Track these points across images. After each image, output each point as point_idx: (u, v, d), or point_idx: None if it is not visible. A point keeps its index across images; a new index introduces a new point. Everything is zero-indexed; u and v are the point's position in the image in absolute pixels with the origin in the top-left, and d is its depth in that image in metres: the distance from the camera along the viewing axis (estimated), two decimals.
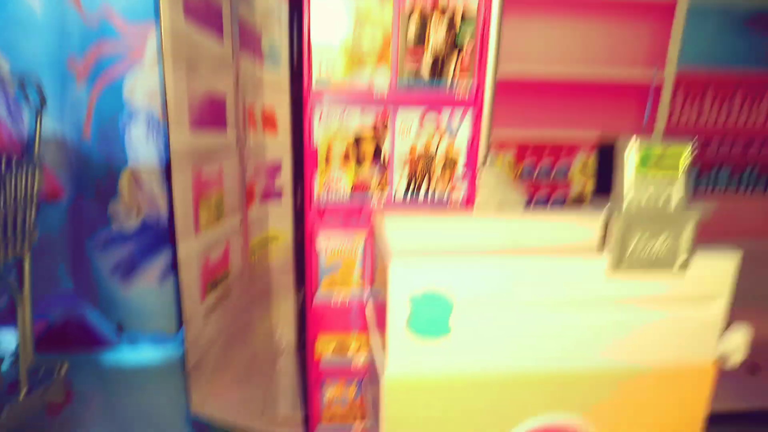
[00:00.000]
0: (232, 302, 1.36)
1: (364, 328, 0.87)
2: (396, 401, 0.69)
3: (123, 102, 1.38)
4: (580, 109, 1.41)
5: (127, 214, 1.47)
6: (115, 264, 1.50)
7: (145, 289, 1.52)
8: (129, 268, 1.50)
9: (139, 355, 1.59)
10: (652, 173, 0.70)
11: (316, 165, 0.78)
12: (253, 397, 1.36)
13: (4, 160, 1.20)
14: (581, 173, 1.46)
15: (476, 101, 0.77)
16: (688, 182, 0.68)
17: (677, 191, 0.69)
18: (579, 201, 1.47)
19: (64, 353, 1.58)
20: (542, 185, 1.45)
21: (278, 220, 1.49)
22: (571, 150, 1.44)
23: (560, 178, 1.46)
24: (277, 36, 1.35)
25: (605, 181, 1.45)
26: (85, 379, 1.47)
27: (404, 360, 0.65)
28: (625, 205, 0.67)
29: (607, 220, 0.68)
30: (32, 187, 1.19)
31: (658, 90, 1.40)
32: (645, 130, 1.43)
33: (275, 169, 1.45)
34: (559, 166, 1.45)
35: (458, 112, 0.78)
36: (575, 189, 1.47)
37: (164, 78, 1.04)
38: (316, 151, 0.77)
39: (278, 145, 1.44)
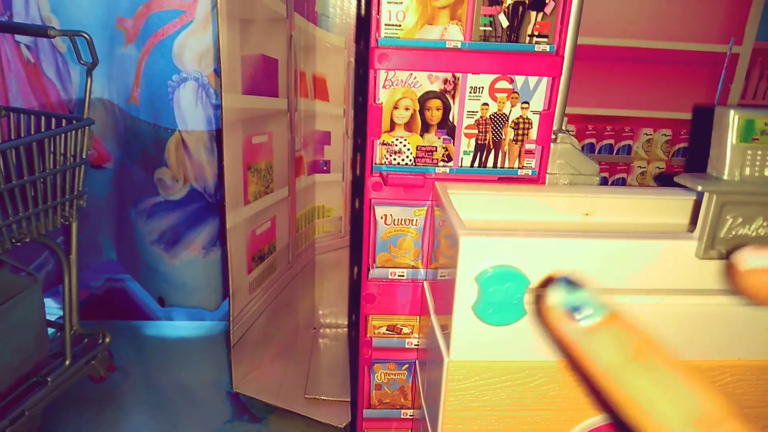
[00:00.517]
0: (276, 276, 1.32)
1: (422, 309, 0.81)
2: (457, 389, 0.63)
3: (172, 64, 1.34)
4: (647, 85, 1.31)
5: (173, 182, 1.44)
6: (160, 234, 1.48)
7: (189, 262, 1.49)
8: (173, 239, 1.48)
9: (180, 329, 1.57)
10: (753, 147, 0.62)
11: (378, 130, 0.72)
12: (295, 376, 1.33)
13: (54, 121, 1.18)
14: (645, 152, 1.37)
15: (554, 67, 0.70)
16: None
17: None
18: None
19: (104, 323, 1.58)
20: (603, 162, 1.37)
21: (326, 193, 1.44)
22: (636, 127, 1.35)
23: (623, 156, 1.37)
24: None
25: (693, 159, 1.37)
26: (127, 350, 1.46)
27: (470, 346, 0.59)
28: (720, 181, 0.59)
29: (699, 198, 0.60)
30: (81, 150, 1.17)
31: (732, 65, 1.29)
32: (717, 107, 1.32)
33: (325, 139, 1.40)
34: (622, 143, 1.36)
35: (534, 78, 0.71)
36: (637, 168, 1.38)
37: (218, 38, 1.00)
38: (379, 115, 0.71)
39: (329, 114, 1.38)
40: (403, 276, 0.80)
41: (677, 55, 1.28)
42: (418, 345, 0.84)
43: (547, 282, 0.42)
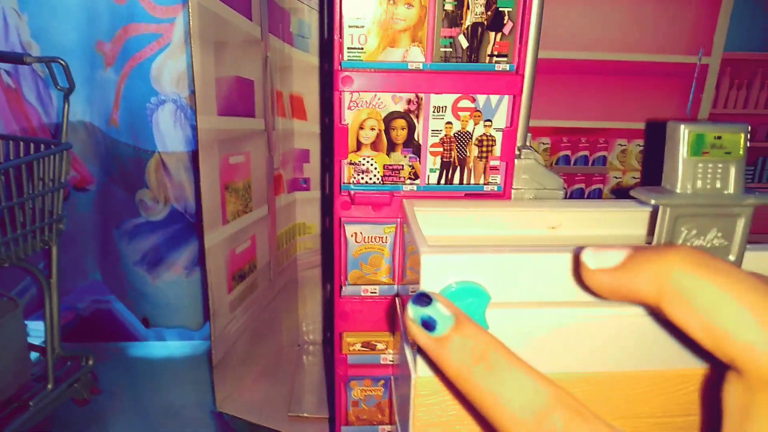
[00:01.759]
0: (258, 295, 1.32)
1: (395, 324, 0.82)
2: (426, 404, 0.64)
3: (151, 87, 1.36)
4: (620, 96, 1.33)
5: (154, 203, 1.44)
6: (142, 255, 1.49)
7: (172, 282, 1.50)
8: (156, 260, 1.48)
9: (165, 349, 1.57)
10: (704, 160, 0.63)
11: (345, 150, 0.73)
12: (279, 394, 1.33)
13: (32, 146, 1.19)
14: (620, 162, 1.39)
15: (514, 86, 0.72)
16: (743, 170, 0.62)
17: (733, 180, 0.62)
18: (619, 191, 1.40)
19: (90, 345, 1.58)
20: (579, 174, 1.39)
21: (306, 210, 1.45)
22: (610, 138, 1.37)
23: (598, 167, 1.39)
24: (306, 17, 1.30)
25: (651, 171, 1.39)
26: (112, 372, 1.46)
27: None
28: (674, 194, 0.60)
29: (654, 211, 0.61)
30: (60, 174, 1.17)
31: (702, 75, 1.32)
32: (689, 116, 1.35)
33: (304, 157, 1.41)
34: (597, 154, 1.38)
35: (495, 97, 0.72)
36: (613, 178, 1.40)
37: (192, 60, 1.01)
38: (345, 135, 0.73)
39: (307, 132, 1.39)
40: (375, 293, 0.81)
41: (649, 66, 1.31)
42: (392, 361, 0.85)
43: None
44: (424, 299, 0.33)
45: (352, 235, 0.77)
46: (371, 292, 0.81)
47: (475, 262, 0.57)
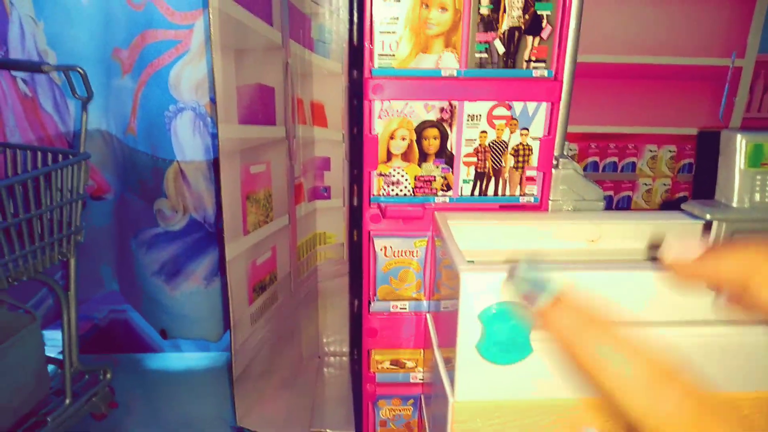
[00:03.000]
0: (278, 307, 1.29)
1: (425, 342, 0.79)
2: (464, 430, 0.60)
3: (169, 95, 1.33)
4: (650, 101, 1.29)
5: (172, 213, 1.42)
6: (160, 265, 1.46)
7: (190, 293, 1.47)
8: (174, 270, 1.46)
9: (183, 361, 1.54)
10: (763, 172, 0.59)
11: (375, 161, 0.70)
12: (300, 408, 1.30)
13: (50, 156, 1.17)
14: (650, 168, 1.35)
15: (553, 92, 0.68)
16: None
17: None
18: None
19: (107, 356, 1.56)
20: (607, 181, 1.35)
21: (326, 219, 1.42)
22: (639, 143, 1.33)
23: (627, 173, 1.35)
24: (327, 22, 1.27)
25: (700, 181, 1.34)
26: (130, 384, 1.44)
27: (476, 385, 0.57)
28: (729, 208, 0.56)
29: (707, 224, 0.58)
30: (78, 185, 1.15)
31: (736, 78, 1.27)
32: (721, 121, 1.31)
33: (324, 166, 1.38)
34: (626, 160, 1.34)
35: (532, 104, 0.69)
36: (643, 185, 1.36)
37: (213, 68, 0.98)
38: (375, 146, 0.69)
39: (328, 140, 1.36)
40: (405, 308, 0.77)
41: (680, 70, 1.27)
42: (423, 379, 0.82)
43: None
44: (534, 266, 0.38)
45: (381, 249, 0.74)
46: (401, 308, 0.77)
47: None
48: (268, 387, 1.32)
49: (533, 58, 0.67)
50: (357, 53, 1.28)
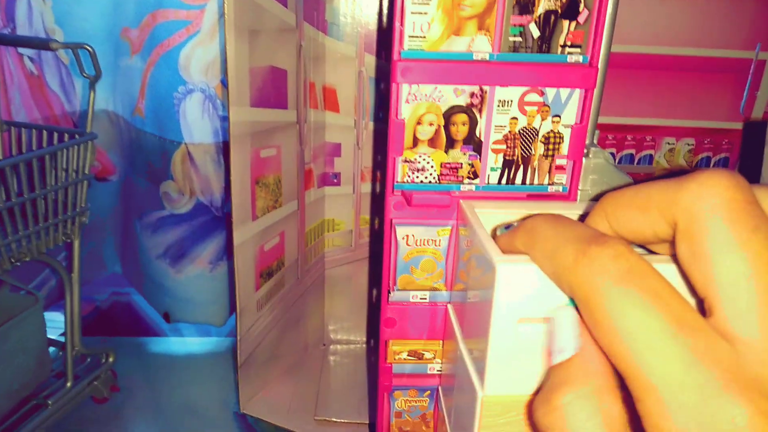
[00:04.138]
0: (285, 293, 1.28)
1: (445, 333, 0.77)
2: (493, 426, 0.58)
3: (178, 76, 1.31)
4: (669, 92, 1.27)
5: (179, 196, 1.40)
6: (165, 248, 1.44)
7: (195, 277, 1.45)
8: (179, 253, 1.44)
9: (186, 346, 1.53)
10: None
11: (401, 147, 0.68)
12: (304, 396, 1.28)
13: (56, 135, 1.14)
14: (668, 161, 1.33)
15: (588, 79, 0.66)
16: None
17: None
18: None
19: (109, 339, 1.54)
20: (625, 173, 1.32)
21: (336, 206, 1.40)
22: (657, 136, 1.31)
23: (644, 166, 1.33)
24: (341, 4, 1.24)
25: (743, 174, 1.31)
26: (131, 368, 1.42)
27: (507, 378, 0.55)
28: None
29: None
30: (84, 165, 1.13)
31: (759, 72, 1.25)
32: (742, 115, 1.28)
33: (335, 151, 1.36)
34: (643, 152, 1.32)
35: (565, 91, 0.67)
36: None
37: (225, 48, 0.96)
38: (402, 131, 0.67)
39: (339, 125, 1.34)
40: (425, 299, 0.75)
41: (700, 61, 1.24)
42: (441, 371, 0.80)
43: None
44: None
45: (403, 238, 0.72)
46: (421, 298, 0.75)
47: None
48: (272, 374, 1.31)
49: (569, 43, 0.65)
50: (384, 35, 1.25)
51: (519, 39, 0.64)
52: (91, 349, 1.26)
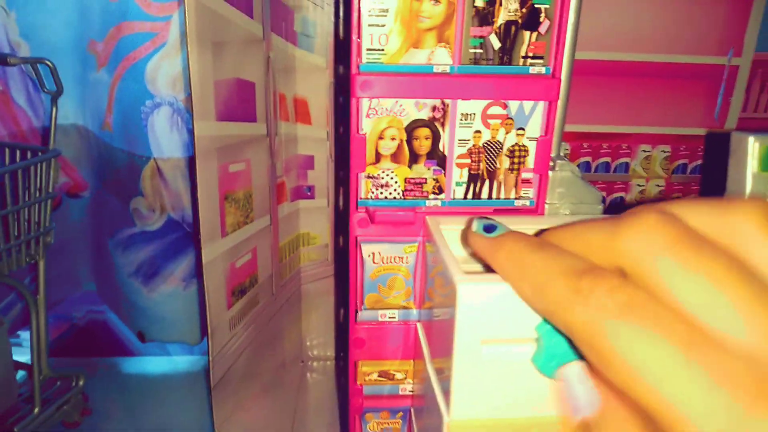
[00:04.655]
0: (259, 311, 1.25)
1: (415, 352, 0.75)
2: None
3: (145, 89, 1.28)
4: (643, 99, 1.26)
5: (149, 212, 1.37)
6: (137, 266, 1.41)
7: (168, 295, 1.42)
8: (151, 272, 1.40)
9: (161, 365, 1.49)
10: None
11: (363, 162, 0.66)
12: (281, 415, 1.25)
13: (18, 153, 1.11)
14: (644, 169, 1.32)
15: (550, 91, 0.64)
16: None
17: None
18: (641, 200, 1.33)
19: (84, 358, 1.50)
20: (600, 182, 1.31)
21: (310, 220, 1.37)
22: (633, 144, 1.30)
23: (620, 174, 1.32)
24: (311, 14, 1.23)
25: (709, 186, 1.31)
26: (104, 389, 1.38)
27: (474, 402, 0.53)
28: None
29: None
30: (48, 183, 1.09)
31: (732, 77, 1.25)
32: (717, 121, 1.28)
33: (308, 164, 1.34)
34: (619, 161, 1.31)
35: (529, 103, 0.65)
36: (636, 186, 1.33)
37: (188, 61, 0.93)
38: (363, 146, 0.65)
39: (312, 137, 1.32)
40: (394, 318, 0.73)
41: (674, 68, 1.23)
42: (413, 391, 0.78)
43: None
44: (487, 219, 0.41)
45: (369, 256, 0.70)
46: (389, 317, 0.73)
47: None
48: (248, 394, 1.28)
49: (530, 54, 0.63)
50: (343, 48, 1.23)
51: (480, 51, 0.63)
52: (60, 372, 1.23)
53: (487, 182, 0.68)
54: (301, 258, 1.40)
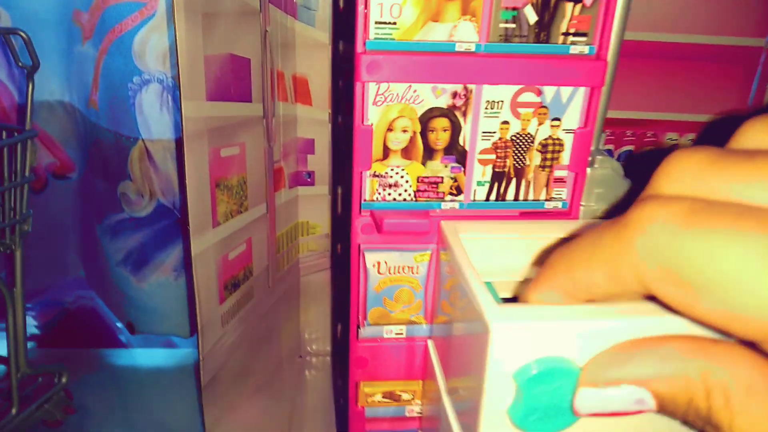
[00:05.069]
0: (254, 305, 1.16)
1: (425, 371, 0.66)
2: None
3: (133, 65, 1.17)
4: (670, 84, 1.15)
5: (138, 197, 1.27)
6: (126, 254, 1.32)
7: (159, 285, 1.33)
8: (141, 260, 1.31)
9: (151, 358, 1.41)
10: None
11: (368, 159, 0.56)
12: (278, 415, 1.17)
13: None
14: None
15: (594, 74, 0.54)
16: None
17: None
18: None
19: (71, 349, 1.42)
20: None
21: (310, 208, 1.28)
22: (659, 131, 1.20)
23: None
24: None
25: None
26: (92, 383, 1.30)
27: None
28: None
29: None
30: (23, 167, 1.00)
31: None
32: (750, 108, 1.17)
33: (308, 148, 1.24)
34: (644, 149, 1.21)
35: (567, 89, 0.55)
36: None
37: (175, 35, 0.83)
38: (369, 140, 0.55)
39: (312, 119, 1.22)
40: (401, 334, 0.64)
41: (705, 50, 1.12)
42: (421, 413, 0.69)
43: None
44: None
45: (374, 265, 0.60)
46: (396, 333, 0.64)
47: (568, 330, 0.40)
48: (241, 393, 1.19)
49: (572, 31, 0.53)
50: (344, 20, 1.11)
51: (512, 26, 0.52)
52: (41, 369, 1.14)
53: (513, 181, 0.59)
54: (300, 248, 1.31)
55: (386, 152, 0.56)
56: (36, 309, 1.42)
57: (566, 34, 0.53)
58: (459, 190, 0.58)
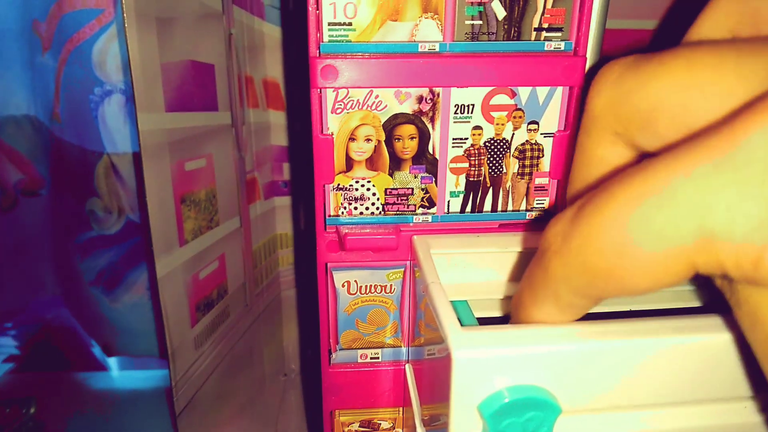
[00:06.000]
0: (231, 324, 1.10)
1: (405, 397, 0.61)
2: None
3: (93, 75, 1.12)
4: None
5: (106, 214, 1.21)
6: (97, 274, 1.26)
7: (133, 305, 1.28)
8: (113, 280, 1.26)
9: (127, 381, 1.35)
10: None
11: (330, 171, 0.51)
12: None
13: None
14: None
15: (572, 72, 0.49)
16: None
17: None
18: None
19: (46, 373, 1.36)
20: None
21: (288, 218, 1.23)
22: None
23: None
24: None
25: None
26: (66, 408, 1.25)
27: None
28: None
29: None
30: None
31: None
32: None
33: (283, 156, 1.18)
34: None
35: (543, 89, 0.50)
36: None
37: (126, 43, 0.78)
38: (330, 150, 0.50)
39: (287, 125, 1.17)
40: (377, 358, 0.59)
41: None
42: None
43: None
44: None
45: (343, 286, 0.55)
46: (372, 358, 0.59)
47: (538, 357, 0.36)
48: (222, 415, 1.14)
49: (545, 26, 0.48)
50: (294, 21, 1.06)
51: (479, 22, 0.48)
52: (7, 401, 1.09)
53: (490, 191, 0.54)
54: (280, 261, 1.26)
55: (350, 163, 0.51)
56: (15, 329, 1.36)
57: (539, 29, 0.48)
58: (431, 202, 0.53)
